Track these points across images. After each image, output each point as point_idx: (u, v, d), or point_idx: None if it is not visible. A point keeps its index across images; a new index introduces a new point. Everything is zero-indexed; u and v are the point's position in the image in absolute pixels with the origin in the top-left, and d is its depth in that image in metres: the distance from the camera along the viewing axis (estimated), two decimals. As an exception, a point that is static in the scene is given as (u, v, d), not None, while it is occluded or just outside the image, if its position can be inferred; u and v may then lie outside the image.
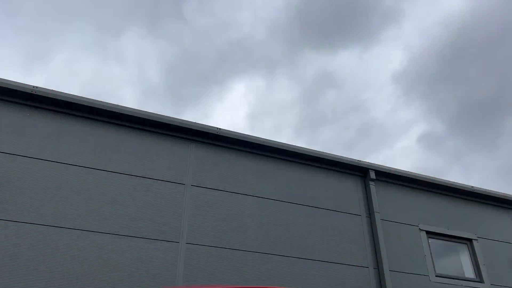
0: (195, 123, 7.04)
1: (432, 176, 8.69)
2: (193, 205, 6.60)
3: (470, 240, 8.57)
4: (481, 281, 8.15)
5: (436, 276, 7.80)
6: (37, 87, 6.09)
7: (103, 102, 6.52)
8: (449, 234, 8.43)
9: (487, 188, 9.13)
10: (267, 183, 7.37)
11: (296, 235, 7.07)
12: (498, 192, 9.19)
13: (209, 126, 7.12)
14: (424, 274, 7.70)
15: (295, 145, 7.73)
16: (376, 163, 8.32)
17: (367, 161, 8.23)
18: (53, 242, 5.53)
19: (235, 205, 6.91)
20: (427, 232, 8.23)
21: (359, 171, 8.24)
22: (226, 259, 6.38)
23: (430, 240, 8.23)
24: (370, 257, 7.44)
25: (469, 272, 8.34)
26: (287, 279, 6.61)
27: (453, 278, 7.96)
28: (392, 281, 7.24)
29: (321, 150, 7.95)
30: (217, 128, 7.15)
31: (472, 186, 8.94)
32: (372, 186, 8.08)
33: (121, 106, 6.64)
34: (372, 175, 8.11)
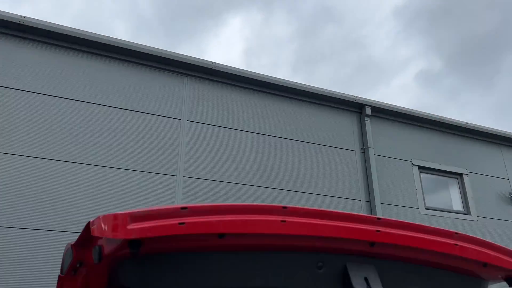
0: (190, 56, 6.89)
1: (427, 112, 8.73)
2: (189, 140, 6.64)
3: (460, 174, 8.79)
4: (468, 213, 8.47)
5: (425, 208, 8.08)
6: (25, 17, 5.87)
7: (96, 34, 6.32)
8: (440, 169, 8.62)
9: (480, 125, 9.22)
10: (263, 118, 7.38)
11: (292, 169, 7.20)
12: (491, 128, 9.29)
13: (204, 60, 6.98)
14: (414, 207, 7.97)
15: (291, 81, 7.65)
16: (373, 99, 8.32)
17: (363, 97, 8.22)
18: (50, 175, 5.62)
19: (231, 140, 6.96)
20: (420, 167, 8.41)
21: (355, 107, 8.24)
22: (222, 192, 6.53)
23: (422, 175, 8.43)
24: (362, 191, 7.65)
25: (458, 205, 8.64)
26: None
27: (442, 211, 8.26)
28: (382, 213, 7.51)
29: (318, 86, 7.89)
30: (212, 62, 7.02)
31: (466, 122, 9.02)
32: (368, 121, 8.12)
33: (115, 38, 6.45)
34: (368, 111, 8.12)
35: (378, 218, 1.76)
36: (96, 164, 5.88)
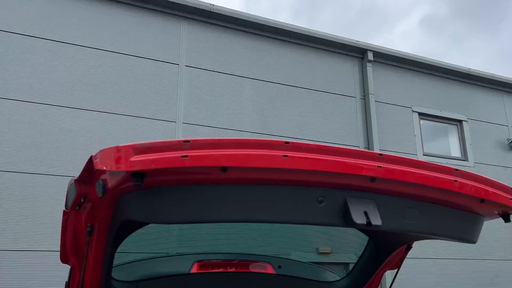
0: (187, -2, 6.66)
1: (430, 57, 8.58)
2: (188, 86, 6.56)
3: (460, 121, 8.79)
4: (466, 159, 8.57)
5: (423, 155, 8.16)
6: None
7: (87, -27, 6.07)
8: (440, 115, 8.61)
9: (483, 71, 9.10)
10: (263, 64, 7.25)
11: (291, 116, 7.18)
12: (494, 74, 9.18)
13: (201, 1, 6.75)
14: (413, 153, 8.04)
15: (292, 24, 7.44)
16: (375, 44, 8.14)
17: (366, 41, 8.04)
18: (45, 120, 5.60)
19: (230, 86, 6.88)
20: (420, 114, 8.39)
21: (357, 52, 8.08)
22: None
23: (422, 122, 8.43)
24: (361, 137, 7.68)
25: (456, 152, 8.72)
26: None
27: (440, 157, 8.34)
28: (381, 159, 7.57)
29: (320, 30, 7.69)
30: (210, 4, 6.78)
31: (469, 68, 8.89)
32: (369, 67, 8.00)
33: (107, -22, 6.19)
34: (370, 56, 7.98)
35: (380, 154, 1.76)
36: (94, 109, 5.84)
